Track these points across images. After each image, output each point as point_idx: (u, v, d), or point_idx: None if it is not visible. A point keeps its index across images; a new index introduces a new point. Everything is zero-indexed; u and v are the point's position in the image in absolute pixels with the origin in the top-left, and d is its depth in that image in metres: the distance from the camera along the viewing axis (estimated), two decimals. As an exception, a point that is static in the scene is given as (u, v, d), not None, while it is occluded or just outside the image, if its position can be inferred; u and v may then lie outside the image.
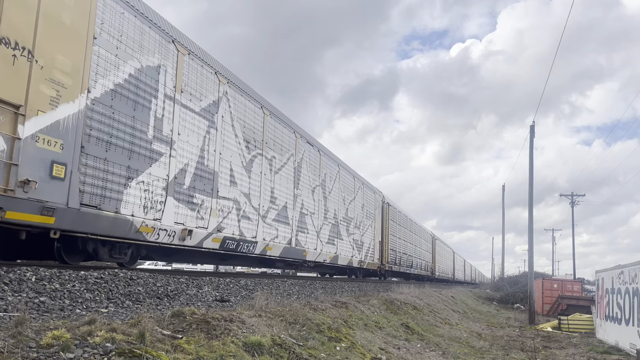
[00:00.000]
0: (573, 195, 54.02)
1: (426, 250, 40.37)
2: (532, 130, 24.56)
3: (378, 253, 24.94)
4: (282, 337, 5.79)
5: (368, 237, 23.27)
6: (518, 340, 14.88)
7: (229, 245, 11.30)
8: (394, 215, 28.84)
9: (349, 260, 20.14)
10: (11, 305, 5.01)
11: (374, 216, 24.62)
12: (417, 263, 35.03)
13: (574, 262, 51.67)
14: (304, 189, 15.82)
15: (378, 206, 25.83)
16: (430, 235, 43.90)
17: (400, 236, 29.76)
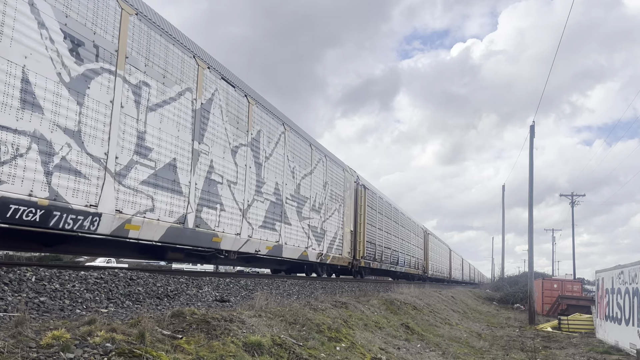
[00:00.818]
0: (573, 195, 54.04)
1: (417, 245, 36.06)
2: (532, 130, 24.56)
3: (349, 245, 19.70)
4: (282, 337, 5.79)
5: (333, 225, 17.97)
6: (518, 340, 14.89)
7: (21, 215, 6.34)
8: (373, 201, 23.58)
9: (301, 253, 14.89)
10: (11, 305, 5.01)
11: (342, 199, 19.18)
12: (404, 260, 30.62)
13: (574, 262, 51.72)
14: (216, 146, 10.64)
15: (350, 188, 20.37)
16: (422, 230, 39.72)
17: (381, 227, 24.83)
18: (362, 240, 21.11)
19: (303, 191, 15.39)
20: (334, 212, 18.22)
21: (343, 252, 18.96)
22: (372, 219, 23.16)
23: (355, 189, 21.22)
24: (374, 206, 23.72)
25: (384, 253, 25.25)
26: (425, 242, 39.92)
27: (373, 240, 23.00)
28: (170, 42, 9.29)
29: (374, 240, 23.22)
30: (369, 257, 22.05)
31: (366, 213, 21.98)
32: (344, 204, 19.41)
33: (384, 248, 25.33)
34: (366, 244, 21.57)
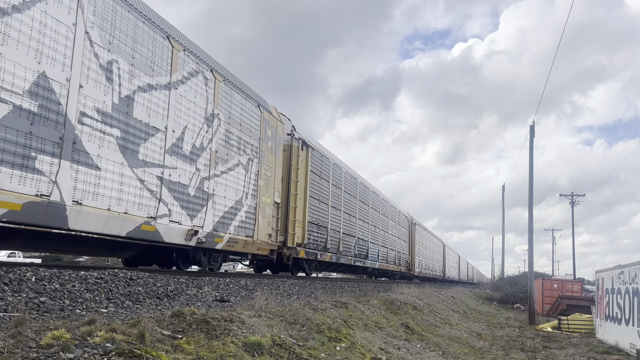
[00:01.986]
0: (573, 195, 54.04)
1: (398, 237, 29.77)
2: (532, 130, 24.57)
3: (273, 225, 13.58)
4: (282, 337, 5.79)
5: (233, 188, 11.44)
6: (518, 340, 14.88)
7: None
8: (323, 168, 17.01)
9: (136, 226, 8.41)
10: (11, 305, 5.01)
11: (257, 153, 12.57)
12: (379, 253, 24.61)
13: (574, 262, 51.73)
14: None
15: (276, 140, 13.75)
16: (406, 218, 32.89)
17: (338, 205, 18.60)
18: (300, 220, 14.91)
19: (143, 114, 8.59)
20: (236, 169, 11.35)
21: (257, 234, 12.33)
22: (321, 193, 16.82)
23: (289, 145, 14.65)
24: (324, 175, 17.19)
25: (344, 242, 19.02)
26: (411, 234, 33.59)
27: (322, 222, 16.80)
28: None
29: (324, 222, 17.05)
30: (313, 245, 16.02)
31: (308, 182, 15.44)
32: (261, 161, 12.55)
33: (344, 235, 19.11)
34: (308, 226, 15.41)
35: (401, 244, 30.81)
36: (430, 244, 41.97)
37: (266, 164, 13.18)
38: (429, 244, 41.56)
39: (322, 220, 17.16)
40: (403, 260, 31.09)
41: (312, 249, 16.20)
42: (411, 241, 34.01)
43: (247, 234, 12.02)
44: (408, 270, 32.30)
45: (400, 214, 31.51)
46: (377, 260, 24.58)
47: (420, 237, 37.41)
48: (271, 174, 13.48)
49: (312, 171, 16.13)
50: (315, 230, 16.50)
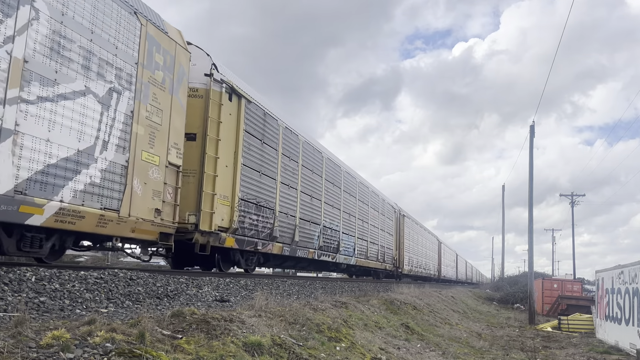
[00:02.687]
0: (573, 195, 54.05)
1: (382, 228, 25.49)
2: (532, 130, 24.57)
3: (168, 196, 9.22)
4: (282, 337, 5.79)
5: (77, 132, 7.28)
6: (518, 340, 14.89)
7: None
8: (261, 125, 12.81)
9: None
10: (11, 305, 5.01)
11: (131, 83, 8.33)
12: (354, 246, 20.32)
13: (574, 262, 51.74)
14: None
15: (171, 69, 9.42)
16: (392, 209, 28.58)
17: (290, 182, 14.38)
18: (226, 195, 11.08)
19: None
20: (80, 99, 7.36)
21: (131, 207, 8.22)
22: (264, 163, 12.67)
23: (207, 89, 10.77)
24: (269, 140, 13.09)
25: (302, 230, 15.03)
26: (399, 227, 29.23)
27: (265, 202, 12.70)
28: None
29: (270, 202, 12.94)
30: (251, 231, 12.02)
31: (242, 146, 11.52)
32: (141, 98, 8.48)
33: (303, 222, 15.11)
34: (241, 205, 11.49)
35: (386, 238, 26.39)
36: (422, 239, 37.64)
37: (152, 105, 8.63)
38: (422, 239, 37.23)
39: (266, 199, 12.78)
40: (388, 256, 26.63)
41: (248, 236, 11.89)
42: (399, 235, 29.54)
43: (105, 204, 7.70)
44: (395, 268, 28.09)
45: (385, 202, 27.11)
46: (352, 255, 20.29)
47: (411, 231, 32.92)
48: (163, 122, 8.91)
49: (248, 132, 11.92)
50: (254, 211, 12.18)
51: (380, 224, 25.59)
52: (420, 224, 38.50)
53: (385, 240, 26.30)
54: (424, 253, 38.08)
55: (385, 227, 26.48)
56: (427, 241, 40.02)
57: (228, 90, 11.28)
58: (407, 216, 32.39)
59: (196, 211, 10.24)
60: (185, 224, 10.00)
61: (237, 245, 11.56)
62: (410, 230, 32.89)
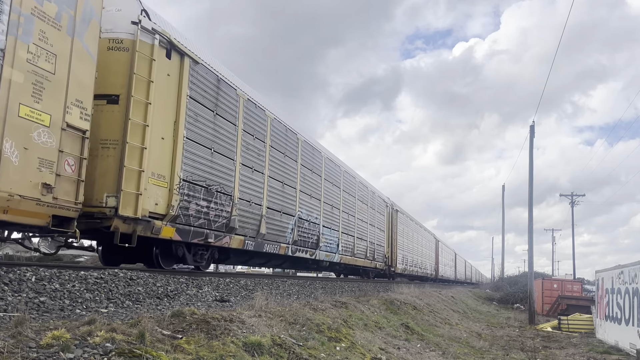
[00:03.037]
0: (573, 195, 54.05)
1: (372, 223, 23.34)
2: (532, 130, 24.58)
3: (65, 169, 7.02)
4: (282, 337, 5.79)
5: None
6: (518, 340, 14.89)
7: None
8: (214, 92, 10.73)
9: None
10: (11, 305, 5.01)
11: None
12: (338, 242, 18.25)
13: (574, 262, 51.72)
14: None
15: (72, 3, 7.20)
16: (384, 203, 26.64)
17: (249, 163, 12.00)
18: (162, 174, 9.05)
19: None
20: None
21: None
22: (216, 139, 10.62)
23: (133, 40, 8.65)
24: (225, 113, 11.01)
25: (270, 221, 12.79)
26: (391, 223, 26.75)
27: (219, 185, 10.66)
28: None
29: (226, 187, 10.88)
30: (199, 220, 9.98)
31: (184, 114, 9.58)
32: (15, 33, 6.37)
33: (271, 211, 12.97)
34: (184, 187, 9.50)
35: (377, 234, 24.10)
36: (418, 237, 35.18)
37: (38, 46, 6.68)
38: (417, 236, 34.90)
39: (221, 182, 10.72)
40: (379, 254, 24.34)
41: (195, 226, 9.84)
42: (391, 231, 27.16)
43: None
44: (387, 267, 26.02)
45: (376, 195, 24.92)
46: (336, 251, 18.08)
47: (405, 227, 30.54)
48: (58, 71, 6.96)
49: (194, 99, 9.91)
50: (204, 196, 10.14)
51: (370, 219, 22.87)
52: (415, 221, 35.72)
53: (375, 237, 23.69)
54: (420, 251, 35.47)
55: (375, 222, 23.89)
56: (423, 239, 37.41)
57: (165, 44, 9.14)
58: (400, 211, 29.52)
59: (116, 192, 8.08)
60: (102, 207, 8.01)
61: (179, 237, 9.41)
62: (405, 226, 30.37)
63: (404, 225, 30.49)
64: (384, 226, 25.80)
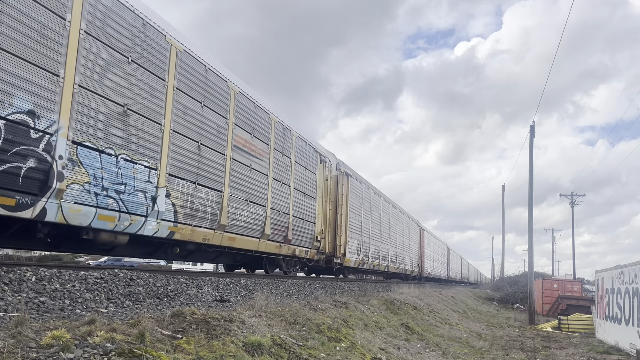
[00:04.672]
0: (573, 195, 54.06)
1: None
2: (532, 130, 24.58)
3: None
4: (282, 337, 5.79)
5: None
6: (518, 340, 14.89)
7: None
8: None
9: None
10: (11, 305, 5.01)
11: None
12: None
13: (574, 262, 51.76)
14: None
15: None
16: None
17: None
18: None
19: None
20: None
21: None
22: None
23: None
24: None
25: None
26: (337, 190, 19.39)
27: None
28: None
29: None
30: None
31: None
32: None
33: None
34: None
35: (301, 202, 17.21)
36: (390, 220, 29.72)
37: None
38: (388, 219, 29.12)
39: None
40: (306, 234, 15.46)
41: None
42: (337, 203, 19.41)
43: None
44: (327, 256, 20.35)
45: (302, 140, 17.90)
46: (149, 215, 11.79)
47: (364, 202, 23.15)
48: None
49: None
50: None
51: (278, 172, 14.04)
52: (385, 197, 27.53)
53: (299, 205, 15.19)
54: (393, 240, 27.98)
55: (302, 184, 15.63)
56: (399, 224, 29.96)
57: None
58: (354, 176, 20.86)
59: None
60: None
61: None
62: (363, 200, 22.22)
63: (362, 199, 22.19)
64: (315, 193, 16.78)
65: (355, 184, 21.56)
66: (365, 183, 23.56)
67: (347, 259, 19.58)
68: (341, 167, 19.97)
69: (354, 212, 21.03)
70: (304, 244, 15.72)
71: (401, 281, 28.21)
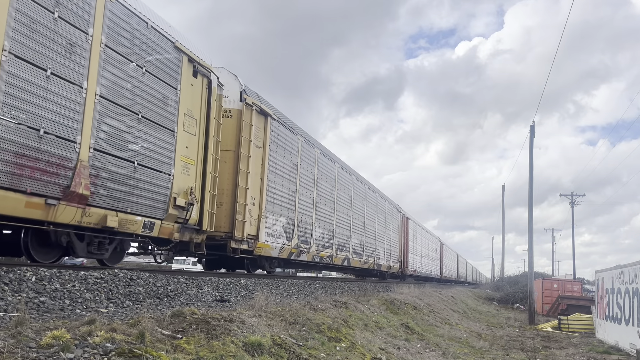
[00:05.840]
0: (573, 195, 54.05)
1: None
2: (532, 130, 24.58)
3: None
4: (282, 337, 5.79)
5: None
6: (518, 340, 14.89)
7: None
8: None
9: None
10: (11, 305, 5.01)
11: None
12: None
13: (574, 262, 51.76)
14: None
15: None
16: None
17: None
18: None
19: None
20: None
21: None
22: None
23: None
24: None
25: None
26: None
27: None
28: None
29: None
30: None
31: None
32: None
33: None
34: None
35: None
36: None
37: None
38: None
39: None
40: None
41: None
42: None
43: None
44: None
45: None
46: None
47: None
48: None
49: None
50: None
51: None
52: (345, 166, 21.24)
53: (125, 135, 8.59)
54: (359, 225, 22.34)
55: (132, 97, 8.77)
56: (370, 205, 24.13)
57: None
58: (280, 120, 14.64)
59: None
60: None
61: None
62: (300, 159, 15.92)
63: (298, 158, 15.85)
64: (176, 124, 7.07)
65: (284, 133, 14.67)
66: (306, 137, 16.93)
67: (262, 244, 12.95)
68: (249, 97, 12.87)
69: (279, 173, 14.16)
70: (142, 210, 8.98)
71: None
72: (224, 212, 11.97)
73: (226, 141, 11.99)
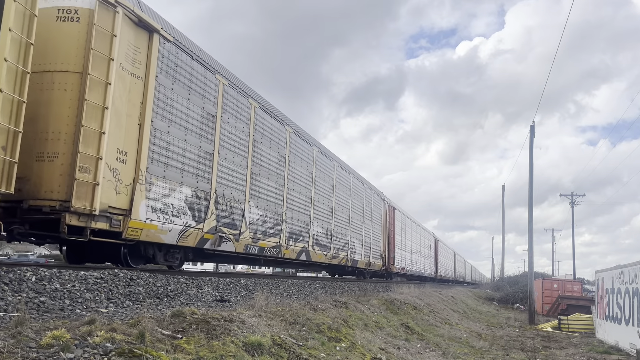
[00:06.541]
0: (573, 195, 54.02)
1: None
2: (532, 130, 24.58)
3: None
4: (282, 337, 5.79)
5: None
6: (518, 340, 14.89)
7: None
8: None
9: None
10: (11, 305, 5.01)
11: None
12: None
13: (574, 262, 51.70)
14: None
15: None
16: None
17: None
18: None
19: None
20: None
21: None
22: None
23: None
24: None
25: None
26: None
27: None
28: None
29: None
30: None
31: None
32: None
33: None
34: None
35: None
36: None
37: None
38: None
39: None
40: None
41: None
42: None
43: None
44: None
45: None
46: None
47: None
48: None
49: None
50: None
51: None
52: (304, 135, 16.40)
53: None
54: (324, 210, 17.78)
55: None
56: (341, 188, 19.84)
57: None
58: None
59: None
60: None
61: None
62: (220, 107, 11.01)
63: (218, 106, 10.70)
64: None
65: (190, 66, 10.08)
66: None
67: (141, 222, 8.62)
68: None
69: (180, 122, 9.68)
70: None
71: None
72: (58, 169, 7.55)
73: (62, 56, 7.82)
